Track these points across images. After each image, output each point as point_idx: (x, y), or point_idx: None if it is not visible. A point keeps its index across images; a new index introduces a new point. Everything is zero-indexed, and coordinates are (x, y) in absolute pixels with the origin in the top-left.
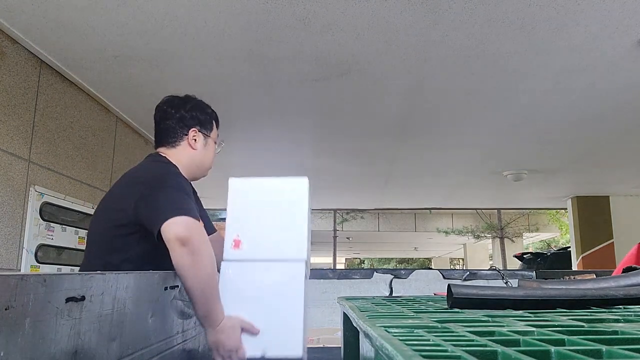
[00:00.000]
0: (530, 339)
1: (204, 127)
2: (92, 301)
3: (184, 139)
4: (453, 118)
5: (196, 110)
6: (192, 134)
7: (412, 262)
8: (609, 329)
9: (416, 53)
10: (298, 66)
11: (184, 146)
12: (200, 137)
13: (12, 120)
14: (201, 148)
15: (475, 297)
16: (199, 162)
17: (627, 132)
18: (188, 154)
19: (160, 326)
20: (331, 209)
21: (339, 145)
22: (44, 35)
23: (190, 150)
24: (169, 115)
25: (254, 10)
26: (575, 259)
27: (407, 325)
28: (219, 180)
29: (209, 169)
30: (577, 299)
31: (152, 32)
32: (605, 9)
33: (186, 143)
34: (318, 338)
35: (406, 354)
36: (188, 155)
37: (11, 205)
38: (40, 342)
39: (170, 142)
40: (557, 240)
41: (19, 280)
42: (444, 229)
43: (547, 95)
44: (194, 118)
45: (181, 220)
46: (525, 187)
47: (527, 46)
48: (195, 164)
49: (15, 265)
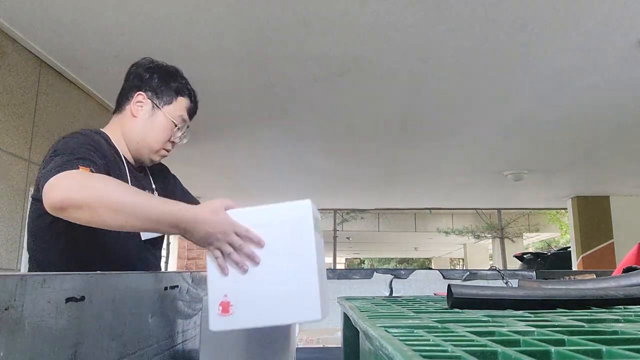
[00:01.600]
0: (531, 339)
1: (156, 95)
2: (92, 301)
3: (129, 102)
4: (453, 118)
5: (155, 73)
6: (138, 97)
7: (412, 262)
8: (609, 329)
9: (416, 53)
10: (298, 66)
11: (126, 112)
12: (147, 104)
13: (12, 120)
14: (144, 117)
15: (476, 297)
16: (139, 134)
17: (627, 132)
18: (127, 122)
19: (160, 326)
20: (331, 209)
21: (339, 145)
22: (44, 35)
23: (131, 117)
24: (127, 74)
25: (254, 10)
26: (576, 259)
27: (407, 326)
28: (220, 180)
29: (157, 151)
30: (577, 299)
31: (153, 32)
32: (605, 9)
33: (129, 108)
34: (318, 338)
35: (406, 354)
36: (128, 123)
37: (11, 205)
38: (40, 342)
39: (118, 107)
40: (557, 240)
41: (19, 281)
42: (444, 229)
43: (548, 95)
44: (147, 81)
45: (48, 186)
46: (525, 187)
47: (527, 46)
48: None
49: (15, 266)
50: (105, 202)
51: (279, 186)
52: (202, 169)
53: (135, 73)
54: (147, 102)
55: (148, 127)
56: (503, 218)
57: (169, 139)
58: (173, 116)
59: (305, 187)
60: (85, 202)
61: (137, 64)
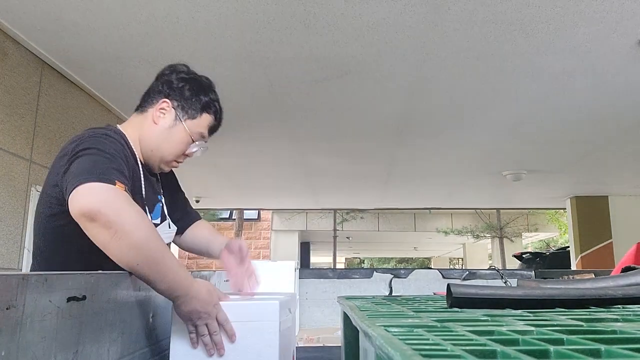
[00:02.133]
0: (530, 338)
1: (182, 107)
2: (93, 301)
3: (153, 106)
4: (453, 118)
5: (188, 84)
6: (162, 104)
7: (411, 261)
8: (608, 329)
9: (416, 53)
10: (298, 67)
11: (147, 115)
12: (170, 113)
13: (14, 121)
14: (163, 127)
15: (475, 297)
16: (155, 142)
17: (627, 132)
18: (147, 127)
19: (160, 326)
20: (331, 208)
21: (339, 145)
22: (45, 36)
23: (151, 122)
24: (159, 75)
25: (255, 11)
26: (574, 259)
27: (406, 325)
28: (220, 180)
29: (168, 162)
30: (576, 298)
31: (154, 33)
32: (604, 9)
33: (151, 112)
34: (318, 337)
35: (406, 353)
36: (147, 128)
37: (12, 205)
38: (41, 341)
39: (141, 106)
40: (556, 240)
41: (21, 280)
42: (444, 229)
43: (547, 95)
44: (176, 90)
45: (84, 190)
46: (524, 187)
47: (527, 46)
48: (150, 142)
49: (17, 265)
50: (132, 239)
51: (279, 186)
52: (202, 169)
53: (167, 78)
54: (170, 112)
55: (165, 138)
56: (502, 218)
57: (184, 152)
58: (193, 131)
59: (305, 187)
60: (115, 225)
61: (173, 68)
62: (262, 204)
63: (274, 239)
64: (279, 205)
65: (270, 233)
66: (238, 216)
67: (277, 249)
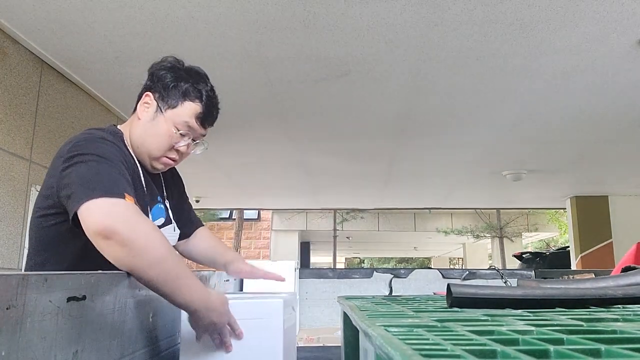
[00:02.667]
0: (530, 338)
1: (162, 97)
2: (93, 300)
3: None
4: (453, 118)
5: (170, 73)
6: (145, 98)
7: (411, 261)
8: (608, 328)
9: (416, 53)
10: (298, 67)
11: (136, 112)
12: (152, 106)
13: (14, 120)
14: (145, 120)
15: (475, 297)
16: (139, 137)
17: (627, 132)
18: (134, 123)
19: (160, 326)
20: (331, 208)
21: (339, 145)
22: (45, 35)
23: (137, 118)
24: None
25: (255, 11)
26: (574, 259)
27: (406, 325)
28: (220, 180)
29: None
30: (576, 298)
31: (153, 32)
32: (604, 9)
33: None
34: (318, 337)
35: (406, 352)
36: (133, 124)
37: (12, 205)
38: (41, 341)
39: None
40: (556, 239)
41: (21, 280)
42: (444, 229)
43: (547, 95)
44: (158, 81)
45: (95, 206)
46: (524, 187)
47: (526, 46)
48: (135, 138)
49: (17, 265)
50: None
51: (279, 186)
52: (202, 169)
53: (151, 70)
54: (152, 104)
55: (147, 132)
56: (502, 218)
57: (172, 146)
58: (176, 122)
59: (305, 187)
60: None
61: (160, 62)
62: (262, 203)
63: (274, 238)
64: (279, 205)
65: (270, 233)
66: (238, 216)
67: (277, 248)
